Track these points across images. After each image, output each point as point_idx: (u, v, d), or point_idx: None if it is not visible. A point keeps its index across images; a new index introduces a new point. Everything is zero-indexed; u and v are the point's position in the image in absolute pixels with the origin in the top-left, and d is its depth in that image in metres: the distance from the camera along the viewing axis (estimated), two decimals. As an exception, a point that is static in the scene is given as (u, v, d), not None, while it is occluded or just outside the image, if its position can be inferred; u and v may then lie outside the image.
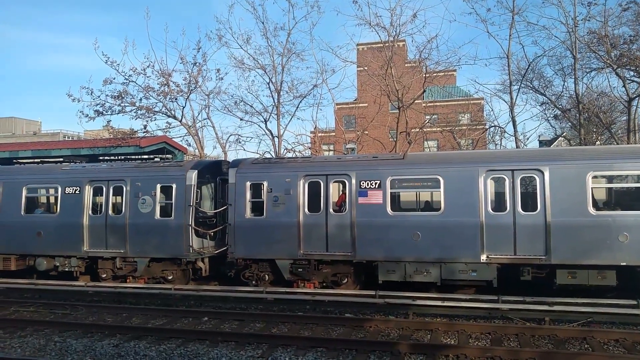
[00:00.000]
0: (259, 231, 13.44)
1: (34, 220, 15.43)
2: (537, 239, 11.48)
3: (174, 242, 14.06)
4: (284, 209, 13.25)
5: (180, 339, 9.49)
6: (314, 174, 13.29)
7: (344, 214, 12.85)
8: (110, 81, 20.51)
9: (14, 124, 77.28)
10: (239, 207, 13.60)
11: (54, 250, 15.13)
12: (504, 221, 11.74)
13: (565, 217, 11.39)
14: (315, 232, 13.01)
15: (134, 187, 14.51)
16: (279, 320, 10.75)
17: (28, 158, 21.48)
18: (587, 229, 11.26)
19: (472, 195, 11.93)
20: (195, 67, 21.45)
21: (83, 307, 12.26)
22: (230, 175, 13.93)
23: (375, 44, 26.05)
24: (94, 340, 9.49)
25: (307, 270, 13.27)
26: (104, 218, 14.73)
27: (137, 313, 11.68)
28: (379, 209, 12.57)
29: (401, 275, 12.42)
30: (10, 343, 9.38)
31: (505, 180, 11.95)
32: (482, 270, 11.91)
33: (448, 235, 12.03)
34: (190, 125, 22.28)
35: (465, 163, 12.47)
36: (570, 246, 11.31)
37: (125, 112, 21.01)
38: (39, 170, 17.02)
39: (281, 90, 22.42)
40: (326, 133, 27.13)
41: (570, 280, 11.51)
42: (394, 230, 12.40)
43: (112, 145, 20.39)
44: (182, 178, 14.18)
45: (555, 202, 11.48)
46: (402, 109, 21.37)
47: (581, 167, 11.53)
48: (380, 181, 12.64)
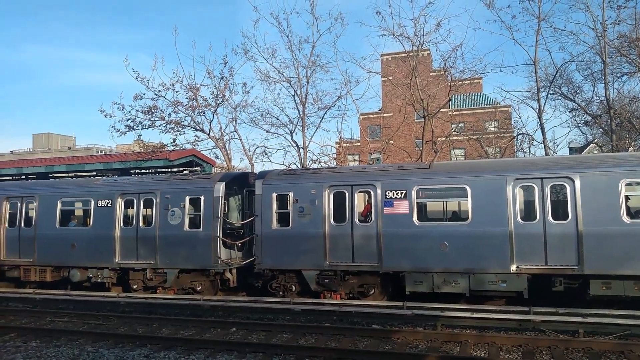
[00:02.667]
0: (286, 242, 13.50)
1: (68, 233, 15.84)
2: (568, 249, 11.21)
3: (203, 253, 14.26)
4: (310, 220, 13.30)
5: (209, 350, 9.60)
6: (339, 184, 13.34)
7: (369, 224, 12.83)
8: (141, 96, 21.11)
9: (50, 140, 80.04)
10: (265, 218, 13.70)
11: (87, 261, 15.50)
12: (534, 230, 11.52)
13: (598, 226, 11.07)
14: (341, 242, 13.03)
15: (163, 200, 14.81)
16: (307, 331, 10.74)
17: (63, 172, 22.17)
18: (622, 237, 10.89)
19: (500, 205, 11.76)
20: (222, 81, 21.90)
21: (115, 317, 12.50)
22: (257, 187, 14.07)
23: (399, 54, 26.05)
24: (125, 351, 9.68)
25: (333, 281, 13.26)
26: (135, 230, 15.05)
27: (167, 324, 11.86)
28: (405, 219, 12.50)
29: (429, 286, 12.29)
30: (46, 352, 9.65)
31: (534, 188, 11.73)
32: (512, 281, 11.67)
33: (476, 246, 11.86)
34: (218, 138, 22.68)
35: (492, 172, 12.31)
36: (604, 256, 10.98)
37: (155, 127, 21.56)
38: (73, 184, 17.53)
39: (306, 102, 22.62)
40: (351, 143, 27.14)
41: (605, 291, 11.14)
42: (420, 240, 12.30)
43: (143, 158, 20.87)
44: (210, 190, 14.37)
45: (587, 210, 11.19)
46: (428, 118, 21.26)
47: (614, 174, 11.21)
48: (406, 191, 12.58)
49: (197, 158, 21.89)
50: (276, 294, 13.86)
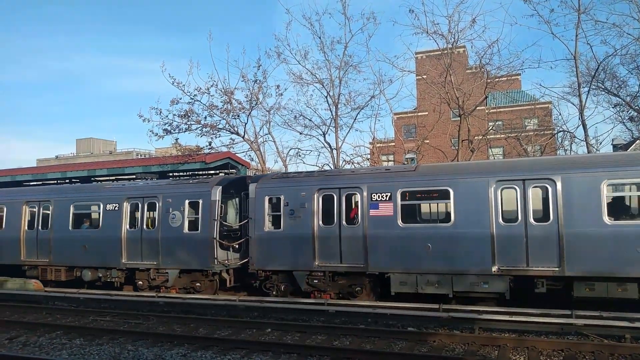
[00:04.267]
0: (277, 243, 13.91)
1: (80, 235, 16.81)
2: (549, 250, 11.18)
3: (201, 254, 14.91)
4: (300, 222, 13.64)
5: (244, 350, 9.70)
6: (328, 187, 13.65)
7: (356, 226, 13.10)
8: (177, 101, 21.53)
9: (92, 144, 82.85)
10: (258, 221, 14.15)
11: (97, 262, 16.45)
12: (515, 232, 11.53)
13: (579, 228, 11.02)
14: (329, 244, 13.32)
15: (165, 203, 15.52)
16: (341, 333, 10.72)
17: (104, 176, 22.91)
18: (603, 239, 10.81)
19: (482, 206, 11.83)
20: (255, 84, 22.12)
21: (154, 317, 12.81)
22: (251, 190, 14.51)
23: (433, 52, 25.67)
24: (163, 350, 9.90)
25: (322, 282, 13.57)
26: (139, 232, 15.88)
27: (204, 324, 12.07)
28: (390, 221, 12.69)
29: (413, 287, 12.48)
30: (89, 350, 9.99)
31: (516, 190, 11.73)
32: (493, 282, 11.80)
33: (458, 247, 11.96)
34: (253, 141, 22.93)
35: (475, 174, 12.42)
36: (585, 257, 10.94)
37: (191, 130, 21.97)
38: (85, 189, 18.52)
39: (339, 102, 22.59)
40: (385, 143, 26.94)
41: (589, 293, 11.13)
42: (404, 241, 12.50)
43: (180, 161, 21.32)
44: (208, 194, 15.03)
45: (568, 211, 11.15)
46: (464, 116, 20.87)
47: (595, 175, 11.11)
48: (391, 193, 12.78)
49: (232, 160, 22.19)
50: (270, 293, 14.26)
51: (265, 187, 14.41)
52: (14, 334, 11.42)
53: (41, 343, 10.64)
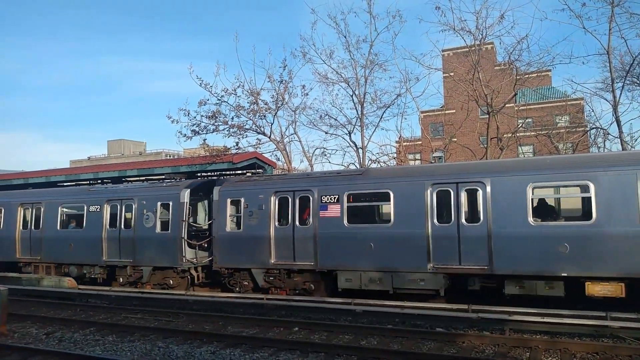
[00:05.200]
0: (237, 243, 14.93)
1: (67, 234, 18.30)
2: (480, 250, 11.83)
3: (171, 252, 16.09)
4: (258, 223, 14.57)
5: (272, 348, 9.76)
6: (283, 190, 14.57)
7: (308, 227, 13.98)
8: (205, 102, 21.83)
9: (123, 146, 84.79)
10: (221, 222, 15.17)
11: (82, 259, 17.94)
12: (449, 232, 12.21)
13: (506, 228, 11.66)
14: (284, 243, 14.22)
15: (140, 205, 16.75)
16: (368, 332, 10.68)
17: (135, 176, 23.41)
18: (528, 239, 11.44)
19: (419, 208, 12.56)
20: (281, 84, 22.23)
21: (184, 315, 13.02)
22: (214, 193, 15.51)
23: (460, 49, 25.32)
24: (193, 347, 10.05)
25: (278, 279, 14.55)
26: (118, 232, 17.16)
27: (233, 322, 12.20)
28: (337, 222, 13.56)
29: (357, 284, 13.29)
30: (122, 347, 10.22)
31: (450, 192, 12.39)
32: (429, 280, 12.54)
33: (397, 246, 12.73)
34: (279, 141, 23.05)
35: (412, 177, 13.22)
36: (511, 256, 11.56)
37: (218, 131, 22.23)
38: (72, 192, 20.18)
39: (364, 101, 22.51)
40: (412, 142, 26.67)
41: (519, 290, 11.74)
42: (350, 241, 13.38)
43: (208, 162, 21.60)
44: (177, 196, 16.21)
45: (496, 213, 11.77)
46: (492, 113, 20.53)
47: (521, 178, 11.73)
48: (339, 196, 13.62)
49: (259, 160, 22.36)
50: (234, 290, 15.21)
51: (227, 190, 15.42)
52: (50, 330, 11.78)
53: (76, 339, 10.94)
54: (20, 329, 11.90)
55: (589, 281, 11.05)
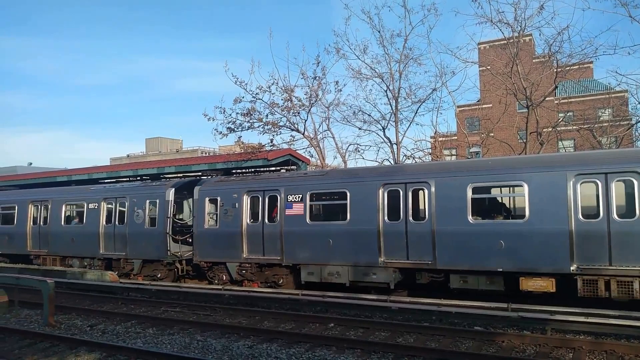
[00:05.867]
0: (214, 239, 16.10)
1: (70, 230, 20.11)
2: (425, 246, 12.74)
3: (157, 246, 17.49)
4: (232, 220, 15.64)
5: (308, 344, 9.81)
6: (254, 189, 15.65)
7: (275, 224, 15.05)
8: (240, 100, 22.05)
9: (160, 143, 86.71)
10: (200, 219, 16.36)
11: (82, 252, 19.64)
12: (398, 229, 13.13)
13: (447, 226, 12.48)
14: (254, 239, 15.34)
15: (131, 202, 18.23)
16: (404, 330, 10.59)
17: (172, 173, 23.89)
18: (467, 236, 12.27)
19: (371, 206, 13.39)
20: (315, 81, 22.24)
21: (220, 309, 13.23)
22: (195, 192, 16.72)
23: (498, 42, 24.69)
24: (231, 341, 10.20)
25: (250, 272, 15.68)
26: (113, 227, 18.69)
27: (269, 317, 12.33)
28: (300, 219, 14.56)
29: (319, 277, 14.32)
30: (162, 339, 10.48)
31: (399, 192, 13.28)
32: (380, 273, 13.46)
33: (353, 242, 13.71)
34: (312, 137, 23.10)
35: (366, 177, 14.18)
36: (453, 252, 12.44)
37: (253, 128, 22.45)
38: (74, 191, 21.63)
39: (399, 96, 22.29)
40: (447, 137, 26.20)
41: (463, 284, 12.59)
42: (311, 237, 14.44)
43: (243, 159, 21.84)
44: (163, 195, 17.58)
45: (439, 211, 12.61)
46: (532, 107, 19.96)
47: (462, 179, 12.53)
48: (302, 195, 14.60)
49: (292, 157, 22.46)
50: (212, 282, 16.45)
51: (206, 190, 16.65)
52: (94, 322, 12.20)
53: (118, 331, 11.29)
54: (66, 320, 12.38)
55: (523, 276, 11.76)
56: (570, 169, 11.63)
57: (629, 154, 12.52)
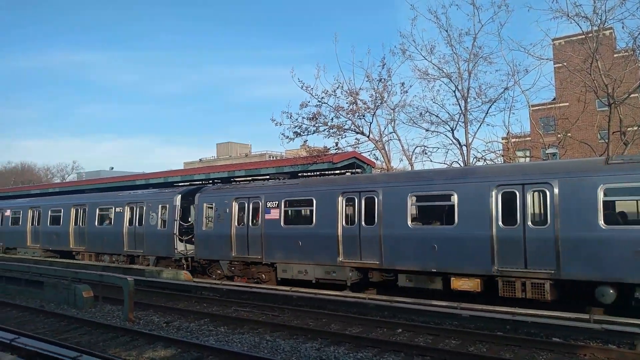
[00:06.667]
0: (210, 239, 18.49)
1: (101, 230, 23.54)
2: (374, 247, 14.33)
3: (167, 245, 20.33)
4: (223, 223, 17.95)
5: (376, 349, 9.71)
6: (241, 196, 17.93)
7: (257, 227, 17.16)
8: (306, 104, 22.33)
9: (230, 148, 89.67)
10: (199, 222, 18.87)
11: (111, 250, 22.92)
12: (353, 233, 14.87)
13: (391, 230, 14.09)
14: (241, 240, 17.54)
15: (147, 207, 21.31)
16: (476, 338, 10.21)
17: (242, 176, 24.65)
18: (407, 239, 13.86)
19: (332, 213, 15.24)
20: (380, 83, 22.08)
21: (289, 310, 13.41)
22: (195, 199, 19.27)
23: (575, 37, 23.30)
24: (299, 342, 10.31)
25: (238, 269, 17.90)
26: (134, 228, 21.89)
27: (336, 319, 12.34)
28: (276, 223, 16.60)
29: (290, 275, 16.23)
30: (232, 338, 10.78)
31: (355, 200, 15.04)
32: (339, 272, 15.18)
33: (317, 243, 15.50)
34: (378, 140, 22.92)
35: (328, 187, 16.11)
36: (396, 254, 13.98)
37: (319, 132, 22.64)
38: (105, 196, 25.22)
39: (468, 96, 21.60)
40: (521, 138, 25.03)
41: (409, 283, 14.03)
42: (284, 239, 16.39)
43: (309, 162, 22.08)
44: (171, 200, 20.52)
45: (385, 217, 14.23)
46: (614, 105, 18.63)
47: (403, 188, 14.17)
48: (278, 202, 16.66)
49: (357, 160, 22.40)
50: (210, 277, 18.93)
51: (204, 196, 19.14)
52: (169, 319, 12.79)
53: (192, 328, 11.76)
54: (144, 316, 13.07)
55: (454, 277, 13.05)
56: (492, 180, 12.84)
57: (543, 166, 13.64)
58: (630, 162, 11.59)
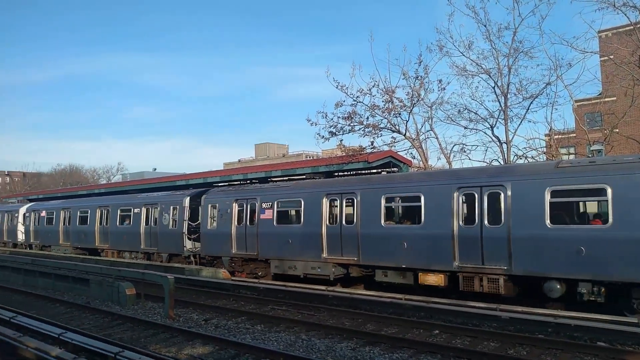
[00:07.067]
0: (214, 237, 20.07)
1: (122, 229, 25.53)
2: (353, 245, 15.51)
3: (177, 243, 22.08)
4: (225, 223, 19.44)
5: (412, 350, 9.61)
6: (240, 198, 19.42)
7: (254, 226, 18.54)
8: (341, 104, 22.25)
9: (268, 148, 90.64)
10: (205, 222, 20.51)
11: (130, 247, 25.00)
12: (335, 231, 16.13)
13: (368, 229, 15.22)
14: (240, 238, 18.97)
15: (161, 208, 23.28)
16: (516, 341, 9.96)
17: (279, 176, 24.87)
18: (381, 237, 14.94)
19: (318, 212, 16.53)
20: (417, 80, 21.77)
21: (324, 310, 13.46)
22: (202, 200, 21.03)
23: (622, 28, 22.31)
24: (334, 342, 10.32)
25: (238, 265, 19.35)
26: (149, 228, 23.80)
27: (371, 319, 12.29)
28: (270, 223, 18.05)
29: (282, 270, 17.57)
30: (269, 336, 10.91)
31: (337, 200, 16.36)
32: (323, 267, 16.32)
33: (305, 241, 16.76)
34: (414, 138, 22.63)
35: (314, 189, 17.46)
36: (371, 251, 15.11)
37: (354, 131, 22.50)
38: (124, 198, 27.38)
39: (508, 92, 21.00)
40: (564, 134, 24.14)
41: (385, 278, 15.04)
42: (277, 237, 17.70)
43: (344, 162, 22.02)
44: (181, 202, 22.35)
45: (363, 217, 15.41)
46: (665, 99, 17.71)
47: (377, 191, 15.32)
48: (272, 202, 18.08)
49: (393, 159, 22.17)
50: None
51: (209, 198, 20.82)
52: (208, 317, 13.06)
53: (229, 326, 11.97)
54: (184, 314, 13.40)
55: (421, 272, 14.02)
56: (454, 182, 13.84)
57: (499, 170, 14.94)
58: (578, 165, 12.49)
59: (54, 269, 19.52)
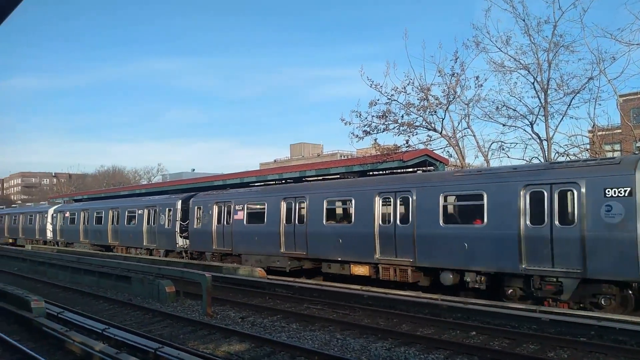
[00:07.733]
0: (199, 235, 23.21)
1: (129, 228, 28.96)
2: (303, 241, 18.37)
3: (170, 241, 25.57)
4: (208, 222, 22.55)
5: (448, 351, 9.50)
6: (219, 201, 22.52)
7: (229, 225, 21.57)
8: (375, 103, 22.08)
9: (302, 148, 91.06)
10: (192, 221, 23.84)
11: (134, 244, 28.53)
12: (290, 230, 18.88)
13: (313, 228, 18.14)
14: (219, 236, 22.06)
15: (159, 210, 26.56)
16: (557, 344, 9.68)
17: (313, 176, 25.00)
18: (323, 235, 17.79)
19: (277, 214, 19.39)
20: (453, 77, 21.40)
21: (359, 309, 13.43)
22: (190, 203, 24.23)
23: (672, 17, 21.20)
24: (369, 342, 10.31)
25: (217, 259, 22.30)
26: (150, 227, 27.21)
27: (407, 320, 12.20)
28: (241, 222, 21.05)
29: (251, 263, 20.04)
30: (304, 335, 11.00)
31: (292, 203, 19.20)
32: (281, 261, 19.29)
33: (268, 238, 19.61)
34: (451, 136, 22.25)
35: (274, 193, 20.52)
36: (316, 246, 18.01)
37: (389, 130, 22.29)
38: (132, 201, 31.70)
39: (548, 88, 20.36)
40: (608, 131, 23.21)
41: (330, 270, 17.73)
42: (247, 235, 20.71)
43: (379, 161, 21.88)
44: (174, 204, 25.72)
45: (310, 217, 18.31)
46: None
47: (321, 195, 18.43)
48: (244, 205, 21.16)
49: (429, 158, 21.89)
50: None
51: (196, 200, 24.04)
52: (244, 314, 13.28)
53: (265, 324, 12.13)
54: (221, 311, 13.67)
55: (352, 264, 16.72)
56: (376, 188, 16.71)
57: (408, 178, 17.88)
58: (467, 174, 14.95)
59: (98, 267, 20.29)
